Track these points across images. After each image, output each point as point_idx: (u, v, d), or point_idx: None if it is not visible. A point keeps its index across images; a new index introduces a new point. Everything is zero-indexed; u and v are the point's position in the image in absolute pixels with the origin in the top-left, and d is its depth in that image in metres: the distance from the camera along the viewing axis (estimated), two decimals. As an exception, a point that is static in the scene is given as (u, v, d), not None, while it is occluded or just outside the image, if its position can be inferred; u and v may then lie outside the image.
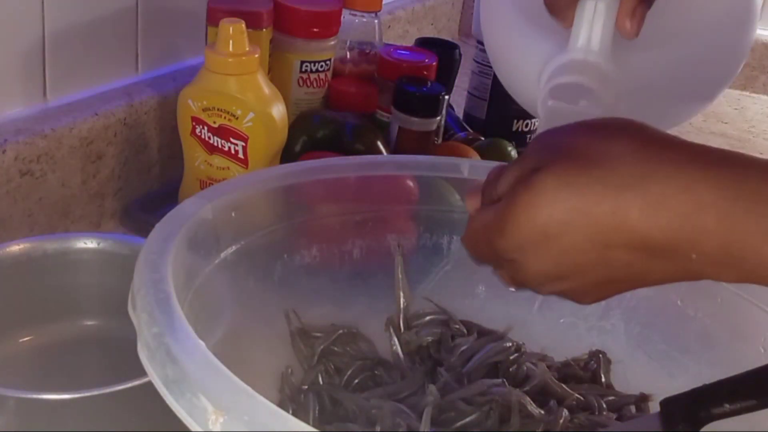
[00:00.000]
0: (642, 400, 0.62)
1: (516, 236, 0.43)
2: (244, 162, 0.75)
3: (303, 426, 0.35)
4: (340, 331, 0.62)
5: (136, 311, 0.43)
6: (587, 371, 0.65)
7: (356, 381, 0.60)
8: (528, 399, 0.57)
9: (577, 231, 0.41)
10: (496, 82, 1.06)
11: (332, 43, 0.89)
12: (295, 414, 0.54)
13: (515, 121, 1.05)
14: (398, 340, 0.63)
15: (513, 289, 0.49)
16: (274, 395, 0.58)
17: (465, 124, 1.06)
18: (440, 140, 0.93)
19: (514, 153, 0.94)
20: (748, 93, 1.52)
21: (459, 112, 1.10)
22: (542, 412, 0.57)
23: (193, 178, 0.78)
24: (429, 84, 0.86)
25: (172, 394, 0.38)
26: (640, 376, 0.64)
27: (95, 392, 0.50)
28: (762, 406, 0.47)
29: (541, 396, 0.60)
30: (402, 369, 0.61)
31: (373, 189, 0.65)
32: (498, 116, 1.06)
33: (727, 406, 0.47)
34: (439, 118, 0.86)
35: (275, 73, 0.85)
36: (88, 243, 0.65)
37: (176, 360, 0.39)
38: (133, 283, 0.44)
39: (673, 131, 0.47)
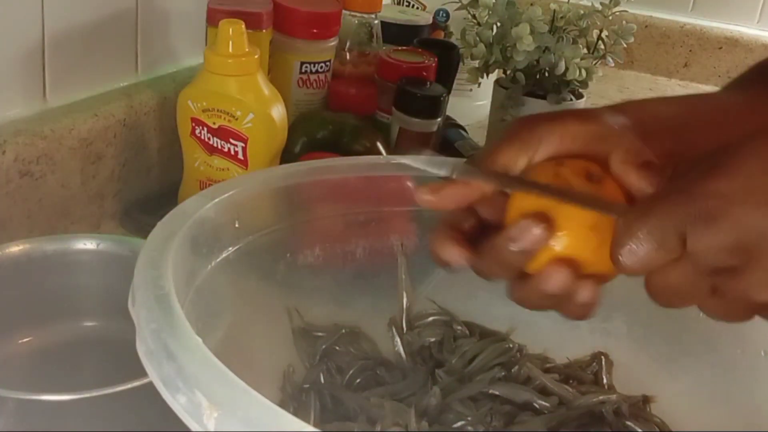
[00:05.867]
0: (644, 401, 0.62)
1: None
2: (244, 163, 0.75)
3: (295, 420, 0.35)
4: (343, 331, 0.62)
5: (135, 307, 0.43)
6: (589, 373, 0.65)
7: (358, 380, 0.59)
8: (535, 394, 0.57)
9: None
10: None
11: (332, 44, 0.89)
12: (296, 412, 0.54)
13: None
14: (400, 340, 0.62)
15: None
16: (275, 393, 0.57)
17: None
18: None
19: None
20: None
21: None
22: (546, 404, 0.57)
23: (193, 179, 0.78)
24: (429, 85, 0.86)
25: (169, 390, 0.38)
26: (642, 378, 0.64)
27: (95, 393, 0.50)
28: None
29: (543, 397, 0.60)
30: (404, 369, 0.61)
31: (377, 189, 0.65)
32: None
33: None
34: (439, 119, 0.86)
35: (275, 74, 0.85)
36: (87, 244, 0.65)
37: (173, 356, 0.39)
38: (134, 279, 0.44)
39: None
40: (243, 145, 0.74)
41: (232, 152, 0.75)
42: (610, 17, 1.07)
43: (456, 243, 0.46)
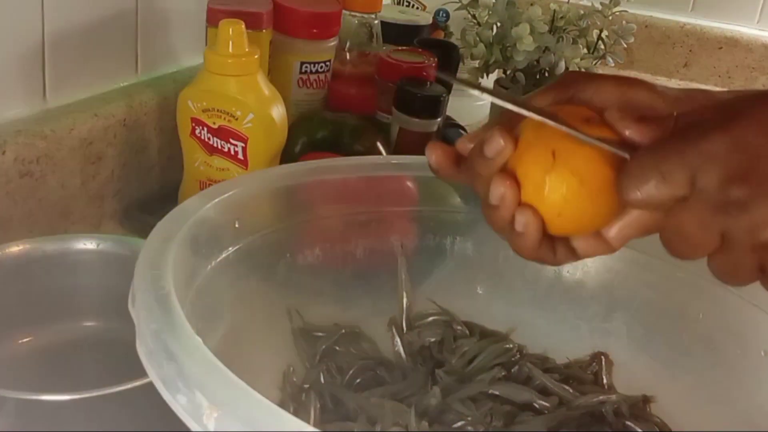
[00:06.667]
0: (644, 401, 0.62)
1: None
2: (244, 163, 0.75)
3: (295, 420, 0.35)
4: (343, 331, 0.62)
5: (135, 307, 0.43)
6: (589, 373, 0.65)
7: (358, 380, 0.59)
8: (535, 394, 0.57)
9: None
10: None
11: (332, 44, 0.89)
12: (296, 412, 0.54)
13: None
14: (401, 340, 0.63)
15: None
16: (275, 394, 0.57)
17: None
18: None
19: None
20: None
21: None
22: (546, 404, 0.57)
23: (193, 179, 0.78)
24: (429, 85, 0.86)
25: (169, 390, 0.38)
26: (642, 378, 0.64)
27: (95, 393, 0.50)
28: None
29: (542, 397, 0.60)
30: (404, 369, 0.61)
31: (377, 190, 0.65)
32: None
33: None
34: (439, 119, 0.86)
35: (275, 74, 0.85)
36: (87, 244, 0.65)
37: (173, 356, 0.39)
38: (133, 279, 0.44)
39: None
40: (243, 145, 0.74)
41: (232, 152, 0.75)
42: (610, 17, 1.07)
43: (443, 151, 0.48)
